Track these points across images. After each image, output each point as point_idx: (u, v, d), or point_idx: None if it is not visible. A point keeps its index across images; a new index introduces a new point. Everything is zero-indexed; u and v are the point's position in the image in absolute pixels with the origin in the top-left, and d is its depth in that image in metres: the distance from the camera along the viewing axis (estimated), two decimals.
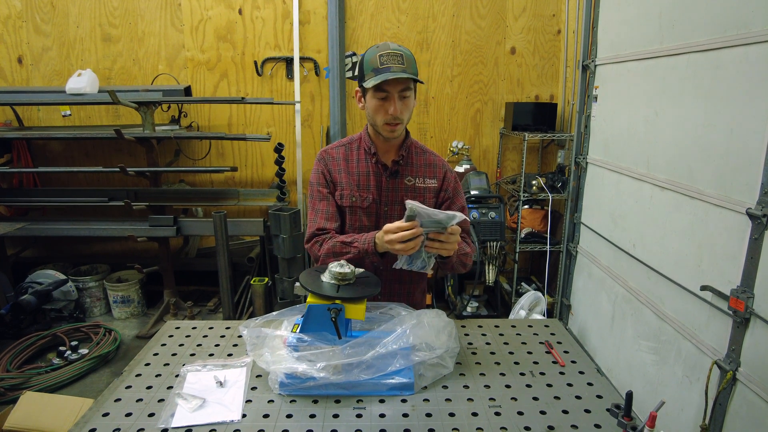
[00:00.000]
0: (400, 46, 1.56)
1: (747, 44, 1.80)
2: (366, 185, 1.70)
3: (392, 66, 1.51)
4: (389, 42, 1.58)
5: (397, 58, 1.52)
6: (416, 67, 1.58)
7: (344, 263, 1.39)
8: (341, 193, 1.71)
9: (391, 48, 1.54)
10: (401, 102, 1.56)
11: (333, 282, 1.36)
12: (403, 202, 1.67)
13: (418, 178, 1.72)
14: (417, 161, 1.74)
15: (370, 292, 1.36)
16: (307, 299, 1.34)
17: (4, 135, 3.83)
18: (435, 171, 1.74)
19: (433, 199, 1.74)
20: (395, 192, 1.71)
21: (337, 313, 1.29)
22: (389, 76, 1.49)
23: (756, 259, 1.74)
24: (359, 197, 1.70)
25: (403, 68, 1.52)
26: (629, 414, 1.08)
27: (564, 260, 3.54)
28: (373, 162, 1.70)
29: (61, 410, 2.45)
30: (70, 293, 3.84)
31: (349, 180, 1.71)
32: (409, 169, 1.72)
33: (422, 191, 1.72)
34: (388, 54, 1.53)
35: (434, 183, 1.73)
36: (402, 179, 1.71)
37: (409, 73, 1.52)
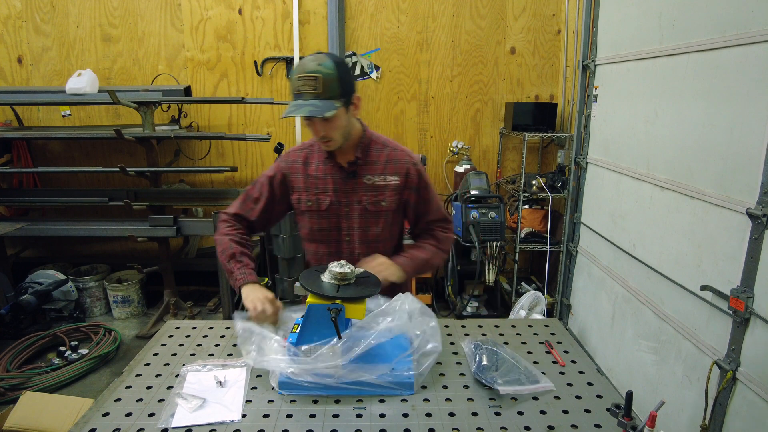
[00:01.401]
0: (322, 62, 1.46)
1: (747, 44, 1.80)
2: (324, 188, 1.68)
3: (304, 93, 1.46)
4: (311, 58, 1.48)
5: (310, 83, 1.44)
6: (338, 87, 1.47)
7: (344, 263, 1.38)
8: (298, 197, 1.71)
9: (307, 69, 1.45)
10: (324, 124, 1.51)
11: (333, 282, 1.35)
12: (363, 202, 1.68)
13: (378, 176, 1.68)
14: (377, 158, 1.69)
15: (370, 292, 1.35)
16: (307, 299, 1.33)
17: (4, 135, 3.83)
18: (397, 167, 1.68)
19: (395, 197, 1.69)
20: (354, 192, 1.68)
21: (337, 313, 1.28)
22: (291, 112, 1.45)
23: (756, 259, 1.74)
24: (316, 201, 1.69)
25: (315, 94, 1.45)
26: (629, 414, 1.08)
27: (564, 260, 3.54)
28: (331, 164, 1.68)
29: (61, 410, 2.45)
30: (70, 293, 3.84)
31: (306, 184, 1.69)
32: (368, 167, 1.68)
33: (382, 189, 1.67)
34: (302, 78, 1.45)
35: (396, 180, 1.68)
36: (361, 178, 1.67)
37: (321, 100, 1.45)
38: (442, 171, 4.37)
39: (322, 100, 1.46)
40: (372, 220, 1.69)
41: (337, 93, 1.48)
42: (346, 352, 1.29)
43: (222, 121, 4.22)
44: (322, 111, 1.45)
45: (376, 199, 1.67)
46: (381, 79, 4.17)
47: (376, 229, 1.69)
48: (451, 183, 4.33)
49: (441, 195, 4.35)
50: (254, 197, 1.74)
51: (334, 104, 1.47)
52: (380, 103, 4.22)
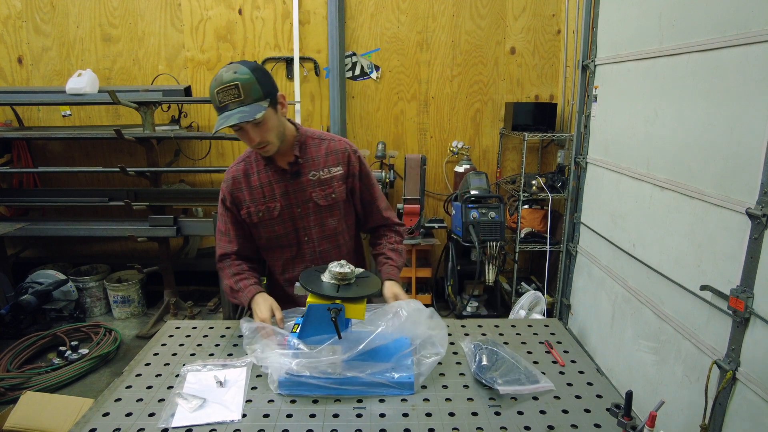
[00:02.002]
0: (236, 72, 1.45)
1: (747, 44, 1.80)
2: (271, 195, 1.68)
3: (228, 104, 1.45)
4: (224, 70, 1.47)
5: (231, 92, 1.44)
6: (259, 88, 1.47)
7: (344, 263, 1.38)
8: (247, 211, 1.70)
9: (224, 81, 1.44)
10: (257, 129, 1.50)
11: (333, 282, 1.35)
12: (313, 199, 1.69)
13: (322, 169, 1.69)
14: (317, 153, 1.70)
15: (370, 291, 1.35)
16: (307, 299, 1.33)
17: (4, 135, 3.83)
18: (338, 157, 1.70)
19: (342, 186, 1.70)
20: (303, 191, 1.69)
21: (337, 313, 1.28)
22: (221, 124, 1.44)
23: (756, 259, 1.74)
24: (266, 210, 1.69)
25: (239, 102, 1.44)
26: (629, 414, 1.08)
27: (564, 260, 3.54)
28: (272, 170, 1.68)
29: (61, 410, 2.45)
30: (70, 293, 3.84)
31: (252, 196, 1.69)
32: (310, 163, 1.69)
33: (329, 181, 1.69)
34: (221, 90, 1.44)
35: (340, 170, 1.70)
36: (306, 176, 1.68)
37: (247, 105, 1.45)
38: (442, 171, 4.37)
39: (248, 105, 1.46)
40: (326, 214, 1.71)
41: (260, 95, 1.48)
42: (347, 350, 1.30)
43: None
44: (251, 114, 1.45)
45: (325, 193, 1.69)
46: (381, 79, 4.17)
47: (332, 222, 1.72)
48: (451, 183, 4.33)
49: (441, 195, 4.36)
50: (223, 230, 1.75)
51: (261, 106, 1.48)
52: (380, 103, 4.22)
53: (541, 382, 1.35)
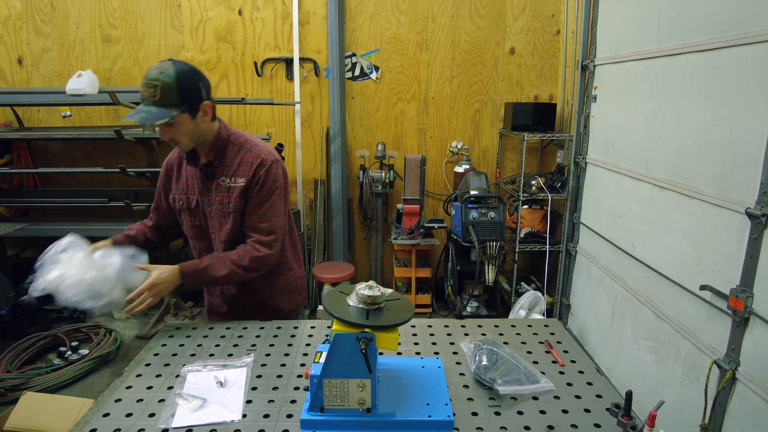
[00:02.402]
0: (164, 71, 1.50)
1: (746, 44, 1.80)
2: (192, 188, 1.76)
3: (145, 99, 1.52)
4: (156, 66, 1.53)
5: (150, 90, 1.50)
6: (176, 95, 1.51)
7: (373, 284, 1.22)
8: (173, 197, 1.82)
9: (149, 76, 1.51)
10: (168, 129, 1.57)
11: (361, 306, 1.18)
12: (217, 203, 1.73)
13: (230, 177, 1.71)
14: (233, 160, 1.72)
15: (403, 318, 1.18)
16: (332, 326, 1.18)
17: (5, 136, 3.83)
18: (246, 169, 1.69)
19: (240, 198, 1.70)
20: (211, 193, 1.74)
21: (368, 344, 1.12)
22: (129, 117, 1.53)
23: (755, 259, 1.74)
24: (186, 200, 1.77)
25: (154, 101, 1.51)
26: (629, 413, 1.08)
27: (563, 260, 3.54)
28: (192, 165, 1.74)
29: (61, 411, 2.45)
30: None
31: (177, 185, 1.80)
32: (223, 169, 1.72)
33: (232, 191, 1.71)
34: (144, 84, 1.51)
35: (242, 182, 1.69)
36: (217, 180, 1.72)
37: (158, 107, 1.50)
38: (441, 171, 4.37)
39: (159, 107, 1.52)
40: (224, 221, 1.74)
41: (176, 101, 1.52)
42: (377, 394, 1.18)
43: None
44: (155, 118, 1.51)
45: (226, 201, 1.72)
46: (381, 79, 4.18)
47: (227, 229, 1.74)
48: (450, 183, 4.34)
49: (441, 195, 4.36)
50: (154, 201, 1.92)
51: (170, 112, 1.52)
52: (380, 104, 4.23)
53: (541, 382, 1.35)
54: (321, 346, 1.28)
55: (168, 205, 1.86)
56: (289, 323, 1.73)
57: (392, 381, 1.30)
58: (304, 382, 1.35)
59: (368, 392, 1.16)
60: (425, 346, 1.59)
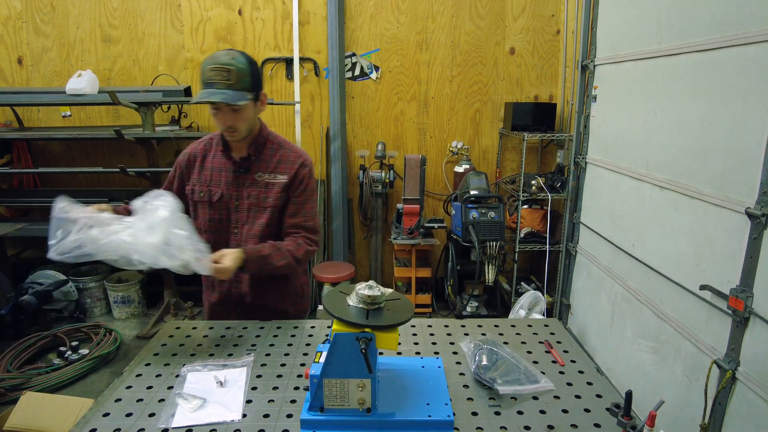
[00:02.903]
0: (234, 58, 1.55)
1: (746, 44, 1.80)
2: (217, 180, 1.76)
3: (216, 82, 1.54)
4: (224, 53, 1.57)
5: (223, 74, 1.53)
6: (250, 80, 1.58)
7: (373, 284, 1.23)
8: (192, 188, 1.80)
9: (220, 61, 1.54)
10: (233, 114, 1.60)
11: (361, 306, 1.19)
12: (251, 197, 1.75)
13: (269, 173, 1.75)
14: (271, 157, 1.76)
15: (403, 318, 1.19)
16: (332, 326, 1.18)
17: (5, 135, 3.83)
18: (288, 167, 1.75)
19: (282, 194, 1.74)
20: (244, 187, 1.75)
21: (368, 344, 1.12)
22: (203, 97, 1.54)
23: (755, 259, 1.74)
24: (208, 192, 1.77)
25: (228, 84, 1.54)
26: (629, 413, 1.08)
27: (563, 260, 3.54)
28: (225, 158, 1.75)
29: (61, 410, 2.45)
30: (70, 293, 3.84)
31: (200, 176, 1.79)
32: (260, 164, 1.75)
33: (271, 186, 1.74)
34: (214, 68, 1.54)
35: (284, 179, 1.74)
36: (252, 174, 1.75)
37: (234, 90, 1.54)
38: (441, 171, 4.37)
39: (235, 91, 1.56)
40: (259, 215, 1.76)
41: (249, 86, 1.59)
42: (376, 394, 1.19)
43: None
44: (234, 99, 1.55)
45: (264, 196, 1.75)
46: (381, 79, 4.18)
47: (261, 223, 1.75)
48: (450, 183, 4.34)
49: (441, 195, 4.36)
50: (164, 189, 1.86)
51: (245, 95, 1.58)
52: (380, 104, 4.23)
53: (541, 381, 1.35)
54: (321, 346, 1.28)
55: (180, 195, 1.78)
56: (289, 323, 1.73)
57: (392, 381, 1.30)
58: (304, 382, 1.35)
59: (368, 392, 1.17)
60: (425, 346, 1.59)
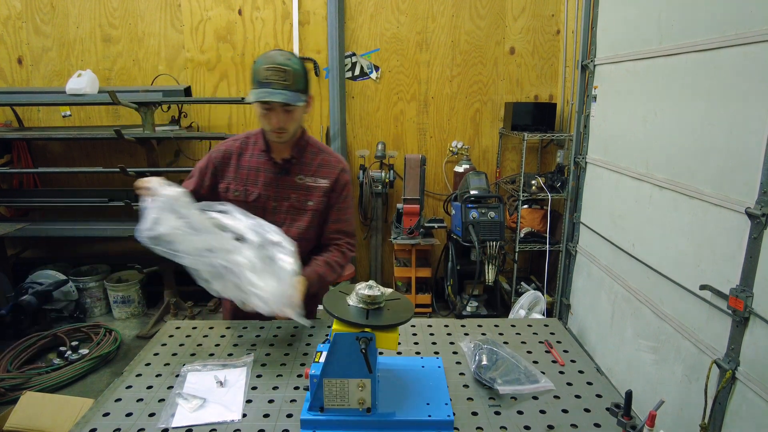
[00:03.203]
0: (289, 59, 1.56)
1: (746, 44, 1.80)
2: (254, 180, 1.74)
3: (274, 82, 1.54)
4: (278, 53, 1.58)
5: (281, 74, 1.54)
6: (304, 82, 1.60)
7: (373, 284, 1.23)
8: (227, 186, 1.76)
9: (277, 61, 1.54)
10: (285, 115, 1.60)
11: (361, 306, 1.19)
12: (291, 199, 1.74)
13: (310, 176, 1.75)
14: (312, 160, 1.76)
15: (403, 318, 1.18)
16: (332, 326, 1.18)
17: (4, 135, 3.83)
18: (329, 171, 1.76)
19: (323, 198, 1.75)
20: (284, 189, 1.74)
21: (368, 344, 1.12)
22: (264, 96, 1.53)
23: (755, 259, 1.74)
24: (244, 191, 1.74)
25: (285, 85, 1.54)
26: (629, 413, 1.08)
27: (563, 260, 3.54)
28: (265, 158, 1.74)
29: (61, 410, 2.45)
30: (70, 293, 3.84)
31: (236, 174, 1.75)
32: (301, 167, 1.75)
33: (312, 190, 1.75)
34: (272, 68, 1.54)
35: (326, 183, 1.75)
36: (293, 177, 1.74)
37: (291, 91, 1.55)
38: (441, 171, 4.37)
39: (292, 91, 1.56)
40: (298, 217, 1.75)
41: (303, 87, 1.61)
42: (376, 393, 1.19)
43: (222, 122, 4.22)
44: (293, 100, 1.56)
45: (304, 199, 1.74)
46: (380, 79, 4.18)
47: (300, 226, 1.75)
48: (450, 183, 4.34)
49: (441, 195, 4.36)
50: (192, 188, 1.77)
51: (301, 97, 1.59)
52: (380, 104, 4.23)
53: (541, 381, 1.35)
54: (321, 346, 1.28)
55: (210, 192, 1.76)
56: (289, 323, 1.73)
57: (392, 381, 1.30)
58: (304, 381, 1.35)
59: (368, 392, 1.17)
60: (425, 345, 1.59)
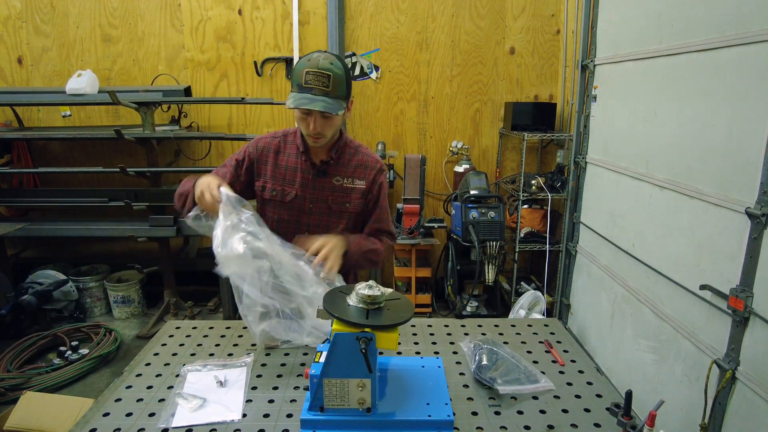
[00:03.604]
0: (332, 63, 1.50)
1: (746, 44, 1.80)
2: (291, 180, 1.72)
3: (314, 88, 1.49)
4: (323, 56, 1.52)
5: (322, 80, 1.49)
6: (345, 88, 1.54)
7: (373, 284, 1.22)
8: (263, 185, 1.73)
9: (320, 66, 1.49)
10: (323, 120, 1.55)
11: (361, 306, 1.19)
12: (329, 201, 1.72)
13: (347, 178, 1.73)
14: (349, 161, 1.74)
15: (403, 318, 1.18)
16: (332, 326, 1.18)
17: (5, 135, 3.83)
18: (366, 172, 1.74)
19: (360, 200, 1.74)
20: (321, 190, 1.72)
21: (368, 344, 1.12)
22: (303, 104, 1.48)
23: (755, 259, 1.74)
24: (281, 192, 1.71)
25: (326, 92, 1.49)
26: (629, 413, 1.08)
27: (563, 260, 3.54)
28: (303, 159, 1.71)
29: (61, 410, 2.45)
30: (70, 293, 3.84)
31: (274, 173, 1.72)
32: (339, 168, 1.73)
33: (349, 191, 1.73)
34: (314, 73, 1.49)
35: (362, 184, 1.73)
36: (330, 178, 1.72)
37: (331, 98, 1.50)
38: (441, 171, 4.37)
39: (333, 99, 1.51)
40: (335, 219, 1.74)
41: (345, 94, 1.55)
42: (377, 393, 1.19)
43: (222, 122, 4.22)
44: (334, 109, 1.51)
45: (341, 200, 1.73)
46: (380, 79, 4.18)
47: (337, 229, 1.73)
48: (450, 183, 4.34)
49: (441, 195, 4.36)
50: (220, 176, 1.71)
51: (342, 104, 1.54)
52: (380, 103, 4.22)
53: (541, 381, 1.35)
54: (321, 346, 1.28)
55: (245, 188, 1.73)
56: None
57: (392, 381, 1.30)
58: (304, 381, 1.35)
59: (368, 392, 1.17)
60: (425, 345, 1.59)
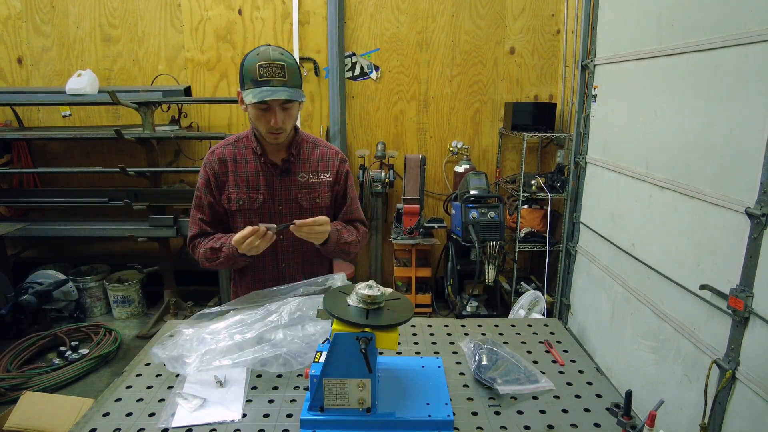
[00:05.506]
0: (282, 53, 1.51)
1: (746, 44, 1.80)
2: (255, 186, 1.69)
3: (272, 80, 1.48)
4: (270, 48, 1.51)
5: (278, 70, 1.48)
6: (299, 77, 1.54)
7: (373, 284, 1.22)
8: (228, 196, 1.69)
9: (271, 57, 1.49)
10: (283, 113, 1.54)
11: (361, 306, 1.19)
12: (297, 200, 1.71)
13: (312, 173, 1.72)
14: (310, 156, 1.73)
15: (403, 318, 1.18)
16: (332, 326, 1.18)
17: (4, 135, 3.83)
18: (329, 164, 1.75)
19: (328, 193, 1.74)
20: (289, 190, 1.70)
21: (368, 344, 1.12)
22: (266, 95, 1.47)
23: (755, 259, 1.74)
24: (248, 199, 1.69)
25: (283, 81, 1.49)
26: (629, 413, 1.08)
27: (563, 260, 3.54)
28: (262, 162, 1.68)
29: (61, 410, 2.45)
30: (70, 293, 3.84)
31: (236, 182, 1.69)
32: (301, 165, 1.71)
33: (316, 186, 1.72)
34: (268, 65, 1.48)
35: (328, 177, 1.74)
36: (295, 176, 1.70)
37: (290, 87, 1.50)
38: (441, 171, 4.37)
39: (291, 87, 1.51)
40: (307, 217, 1.68)
41: (299, 83, 1.55)
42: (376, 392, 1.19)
43: (222, 122, 4.22)
44: (298, 96, 1.52)
45: (310, 197, 1.72)
46: (380, 79, 4.18)
47: None
48: (450, 183, 4.34)
49: (441, 195, 4.36)
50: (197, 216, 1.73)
51: (301, 92, 1.54)
52: (380, 103, 4.23)
53: (541, 381, 1.35)
54: (321, 346, 1.28)
55: (219, 217, 1.73)
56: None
57: (392, 381, 1.30)
58: (304, 381, 1.35)
59: (368, 392, 1.17)
60: (425, 345, 1.59)
